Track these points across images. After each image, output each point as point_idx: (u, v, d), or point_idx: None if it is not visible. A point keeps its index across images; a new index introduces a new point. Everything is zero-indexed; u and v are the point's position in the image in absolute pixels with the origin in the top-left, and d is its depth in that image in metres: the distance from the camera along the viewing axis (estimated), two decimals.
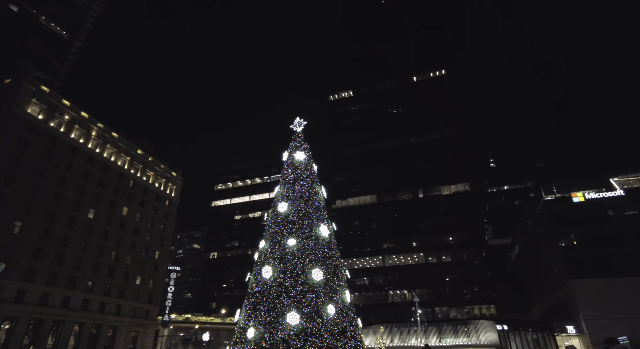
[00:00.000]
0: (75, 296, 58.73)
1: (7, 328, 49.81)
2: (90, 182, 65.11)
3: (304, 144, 24.41)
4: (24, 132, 55.62)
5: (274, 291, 18.09)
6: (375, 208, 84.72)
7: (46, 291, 54.82)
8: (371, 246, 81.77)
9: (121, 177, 72.06)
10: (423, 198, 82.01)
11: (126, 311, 67.33)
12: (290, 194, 21.82)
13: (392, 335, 56.02)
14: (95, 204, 65.24)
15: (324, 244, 20.20)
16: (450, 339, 53.34)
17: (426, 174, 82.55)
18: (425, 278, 74.41)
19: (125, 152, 74.00)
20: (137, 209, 74.46)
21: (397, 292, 76.93)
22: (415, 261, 77.60)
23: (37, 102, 58.49)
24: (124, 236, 69.91)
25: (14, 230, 52.26)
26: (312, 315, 17.11)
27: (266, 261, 19.64)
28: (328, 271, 19.10)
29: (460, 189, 79.99)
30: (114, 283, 66.23)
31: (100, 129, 69.13)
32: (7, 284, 50.09)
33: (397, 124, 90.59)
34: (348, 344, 17.19)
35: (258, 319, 17.57)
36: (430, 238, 77.85)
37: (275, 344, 16.38)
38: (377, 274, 79.34)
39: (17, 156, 54.04)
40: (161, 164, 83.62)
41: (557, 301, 59.21)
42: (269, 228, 21.13)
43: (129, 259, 70.37)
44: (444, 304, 72.46)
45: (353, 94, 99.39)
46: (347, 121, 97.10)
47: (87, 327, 59.64)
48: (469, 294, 72.21)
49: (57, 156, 60.04)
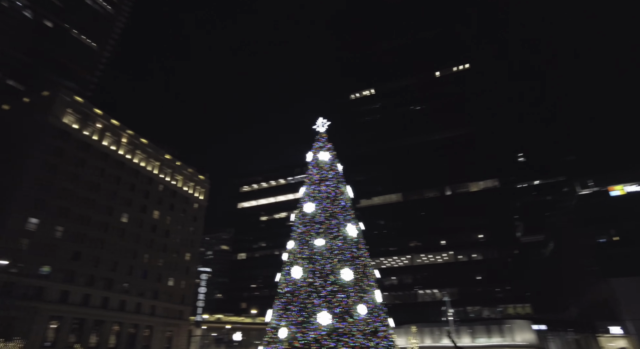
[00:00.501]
0: (113, 297, 61.22)
1: (55, 327, 52.53)
2: (122, 187, 67.64)
3: (327, 144, 24.41)
4: (60, 141, 58.46)
5: (304, 291, 18.19)
6: (401, 207, 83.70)
7: (86, 292, 57.44)
8: (398, 245, 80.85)
9: (151, 182, 74.46)
10: (450, 196, 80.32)
11: (160, 312, 69.53)
12: (316, 194, 21.86)
13: (423, 335, 55.25)
14: (127, 208, 67.73)
15: (352, 243, 20.13)
16: (484, 339, 52.03)
17: (453, 171, 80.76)
18: (455, 277, 72.85)
19: (154, 158, 76.42)
20: (167, 212, 76.76)
21: (426, 291, 75.72)
22: (445, 259, 76.12)
23: (71, 112, 61.33)
24: (155, 239, 72.22)
25: (55, 235, 55.04)
26: (343, 315, 17.10)
27: (295, 261, 19.76)
28: (357, 271, 19.02)
29: (489, 185, 77.81)
30: (148, 285, 68.52)
31: (130, 135, 71.69)
32: (52, 286, 52.83)
33: (420, 120, 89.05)
34: (380, 345, 17.07)
35: (289, 319, 17.72)
36: (459, 236, 76.16)
37: (308, 344, 16.46)
38: (405, 273, 78.37)
39: (54, 164, 56.87)
40: (188, 168, 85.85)
41: (597, 300, 56.54)
42: (297, 229, 21.24)
43: (161, 261, 72.62)
44: (476, 303, 70.67)
45: (374, 92, 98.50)
46: (369, 119, 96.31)
47: (125, 327, 62.04)
48: (502, 293, 70.07)
49: (91, 162, 62.76)
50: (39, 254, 52.24)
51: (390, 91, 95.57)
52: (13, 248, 49.09)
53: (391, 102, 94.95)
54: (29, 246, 51.25)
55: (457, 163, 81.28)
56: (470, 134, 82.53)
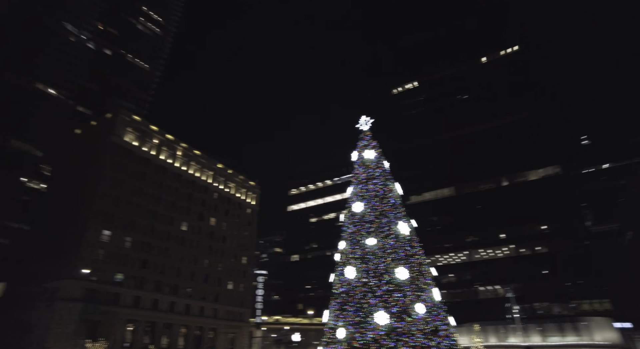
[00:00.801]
0: (178, 302, 65.18)
1: (131, 330, 57.11)
2: (180, 197, 71.85)
3: (372, 142, 24.16)
4: (124, 158, 63.46)
5: (359, 291, 18.11)
6: (454, 201, 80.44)
7: (155, 298, 61.72)
8: (453, 241, 77.74)
9: (206, 191, 78.37)
10: (507, 186, 75.80)
11: (222, 315, 72.83)
12: (364, 193, 21.71)
13: (486, 334, 52.63)
14: (186, 217, 71.81)
15: (405, 241, 19.70)
16: (556, 338, 48.39)
17: (508, 160, 76.18)
18: (518, 272, 68.52)
19: (207, 168, 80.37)
20: (222, 219, 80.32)
21: (487, 288, 72.02)
22: (506, 253, 71.90)
23: (131, 131, 66.34)
24: (213, 245, 75.84)
25: (125, 245, 59.82)
26: (400, 314, 16.79)
27: (347, 261, 19.74)
28: (412, 269, 18.59)
29: (550, 172, 72.35)
30: (209, 289, 72.10)
31: (185, 148, 76.00)
32: (126, 292, 57.47)
33: (469, 109, 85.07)
34: (442, 344, 16.52)
35: (346, 319, 17.72)
36: (519, 229, 71.58)
37: (367, 344, 16.36)
38: (463, 270, 75.16)
39: (120, 179, 61.83)
40: (240, 176, 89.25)
41: None
42: (347, 229, 21.21)
43: (220, 266, 76.08)
44: (544, 299, 65.85)
45: (418, 84, 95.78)
46: (415, 112, 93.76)
47: (191, 329, 65.78)
48: (574, 288, 64.60)
49: (151, 176, 67.37)
50: (113, 263, 57.04)
51: (435, 82, 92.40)
52: (92, 258, 54.08)
53: (437, 93, 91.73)
54: (104, 256, 56.14)
55: (512, 152, 76.63)
56: (524, 120, 77.40)
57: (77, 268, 51.13)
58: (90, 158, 64.18)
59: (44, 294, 53.76)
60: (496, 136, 79.48)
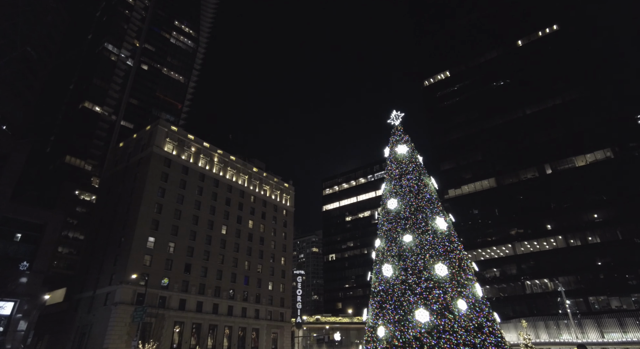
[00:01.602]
0: (221, 303, 67.30)
1: (178, 331, 59.70)
2: (219, 202, 74.16)
3: (404, 137, 23.72)
4: (165, 167, 66.42)
5: (397, 289, 17.85)
6: (494, 193, 77.28)
7: (200, 300, 64.10)
8: (496, 234, 74.69)
9: (243, 195, 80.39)
10: (552, 174, 71.76)
11: (264, 315, 74.38)
12: (398, 189, 21.37)
13: (537, 330, 50.08)
14: (225, 220, 74.00)
15: (443, 237, 19.18)
16: (617, 334, 45.15)
17: (552, 147, 72.15)
18: (569, 264, 64.64)
19: (243, 172, 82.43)
20: (259, 221, 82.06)
21: (535, 281, 68.56)
22: (553, 245, 68.09)
23: (170, 141, 69.30)
24: (252, 247, 77.65)
25: (169, 250, 62.60)
26: (442, 311, 16.36)
27: (385, 259, 19.52)
28: (452, 265, 18.06)
29: (600, 157, 67.72)
30: (250, 290, 73.87)
31: (220, 154, 78.38)
32: (171, 295, 60.15)
33: (506, 96, 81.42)
34: (487, 341, 15.91)
35: (386, 317, 17.53)
36: (568, 218, 67.53)
37: (408, 342, 16.09)
38: (508, 263, 71.97)
39: (162, 188, 64.78)
40: (274, 178, 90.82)
41: None
42: (382, 226, 20.97)
43: (260, 267, 77.75)
44: (600, 292, 61.66)
45: (450, 74, 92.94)
46: (448, 103, 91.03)
47: (234, 330, 67.72)
48: (635, 280, 59.98)
49: (191, 183, 70.03)
50: (159, 268, 59.87)
51: (471, 69, 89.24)
52: (140, 264, 57.09)
53: (472, 82, 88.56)
54: (151, 261, 59.06)
55: (555, 137, 72.57)
56: (567, 103, 73.07)
57: (127, 274, 54.15)
58: (133, 169, 67.74)
59: (100, 299, 57.43)
60: (537, 121, 75.60)
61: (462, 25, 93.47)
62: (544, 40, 79.67)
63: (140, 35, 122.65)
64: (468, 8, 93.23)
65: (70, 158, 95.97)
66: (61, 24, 78.02)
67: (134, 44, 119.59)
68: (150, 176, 63.42)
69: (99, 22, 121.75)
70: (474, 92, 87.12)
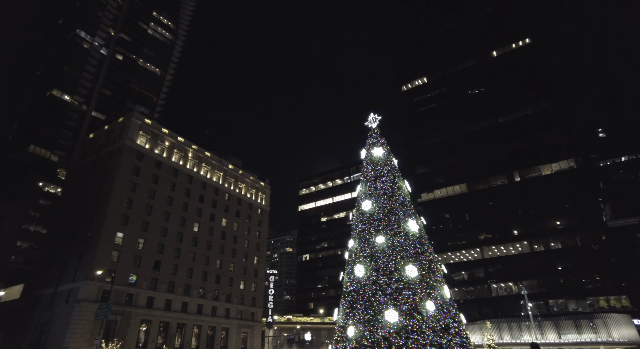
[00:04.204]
0: (191, 302, 65.96)
1: (144, 330, 58.02)
2: (192, 199, 72.65)
3: (381, 140, 24.08)
4: (137, 161, 64.43)
5: (368, 290, 18.08)
6: (465, 198, 79.60)
7: (169, 298, 62.57)
8: (466, 238, 76.97)
9: (217, 192, 79.08)
10: (520, 181, 74.67)
11: (234, 314, 73.47)
12: (372, 191, 21.65)
13: (500, 331, 51.93)
14: (198, 218, 72.59)
15: (415, 239, 19.59)
16: (572, 335, 47.49)
17: (521, 155, 75.07)
18: (533, 268, 67.51)
19: (218, 169, 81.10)
20: (233, 219, 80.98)
21: (501, 285, 71.11)
22: (519, 250, 70.90)
23: (143, 134, 67.31)
24: (225, 245, 76.52)
25: (138, 246, 60.77)
26: (410, 312, 16.70)
27: (357, 259, 19.72)
28: (422, 267, 18.48)
29: (564, 166, 71.05)
30: (221, 289, 72.78)
31: (195, 150, 76.81)
32: (139, 293, 58.40)
33: (480, 105, 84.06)
34: (453, 341, 16.38)
35: (356, 317, 17.72)
36: (533, 224, 70.50)
37: (377, 342, 16.33)
38: (476, 267, 74.32)
39: (133, 182, 62.82)
40: (250, 176, 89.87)
41: None
42: (356, 227, 21.18)
43: (232, 266, 76.73)
44: (559, 296, 64.79)
45: (427, 81, 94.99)
46: (424, 109, 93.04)
47: (204, 329, 66.53)
48: (590, 284, 63.44)
49: (163, 178, 68.27)
50: (127, 265, 58.01)
51: (447, 77, 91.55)
52: (107, 260, 55.11)
53: (448, 89, 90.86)
54: (119, 258, 57.14)
55: (524, 146, 75.52)
56: (537, 114, 76.23)
57: (93, 270, 52.13)
58: (103, 162, 65.37)
59: (62, 296, 55.02)
60: (508, 130, 78.42)
61: (440, 34, 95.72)
62: (517, 53, 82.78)
63: (116, 24, 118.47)
64: (447, 17, 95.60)
65: (35, 148, 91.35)
66: (29, 6, 74.19)
67: (108, 33, 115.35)
68: (121, 169, 61.39)
69: (71, 7, 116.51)
70: (450, 99, 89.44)
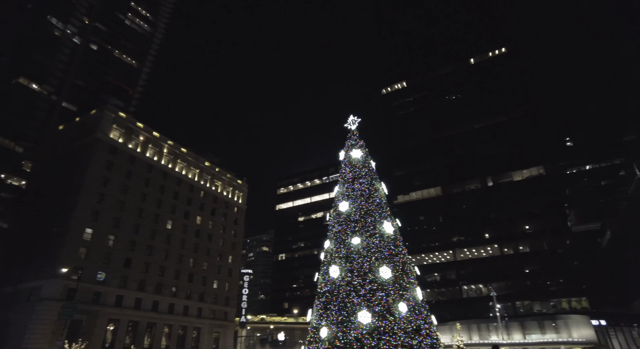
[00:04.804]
0: (162, 301, 64.34)
1: (112, 329, 56.14)
2: (166, 195, 70.90)
3: (359, 142, 24.23)
4: (109, 155, 62.28)
5: (343, 290, 18.14)
6: (440, 201, 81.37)
7: (139, 297, 60.78)
8: (440, 240, 78.66)
9: (193, 189, 77.50)
10: (493, 186, 77.01)
11: (207, 314, 72.20)
12: (350, 192, 21.76)
13: (470, 332, 53.37)
14: (172, 215, 70.90)
15: (389, 241, 19.82)
16: (536, 335, 49.40)
17: (494, 161, 77.43)
18: (502, 271, 69.79)
19: (194, 166, 79.50)
20: (209, 217, 79.57)
21: (471, 287, 73.11)
22: (490, 253, 73.09)
23: (117, 128, 65.16)
24: (199, 244, 75.09)
25: (108, 243, 58.75)
26: (383, 313, 16.87)
27: (332, 260, 19.76)
28: (396, 269, 18.71)
29: (534, 173, 73.81)
30: (194, 288, 71.37)
31: (171, 146, 75.02)
32: (108, 291, 56.46)
33: (457, 110, 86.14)
34: (424, 342, 16.67)
35: (330, 318, 17.74)
36: (504, 228, 72.88)
37: (349, 343, 16.40)
38: (448, 269, 76.11)
39: (105, 177, 60.68)
40: (227, 174, 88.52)
41: None
42: (332, 228, 21.23)
43: (206, 265, 75.38)
44: (526, 297, 67.27)
45: (407, 85, 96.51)
46: (403, 112, 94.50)
47: (174, 329, 65.04)
48: (554, 286, 66.20)
49: (137, 173, 66.29)
50: (96, 262, 55.97)
51: (425, 82, 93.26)
52: (74, 257, 52.96)
53: (426, 94, 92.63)
54: (87, 254, 55.05)
55: (498, 152, 77.91)
56: (510, 121, 78.82)
57: (58, 267, 49.94)
58: (74, 155, 62.83)
59: (22, 295, 52.48)
60: (483, 136, 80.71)
61: (421, 39, 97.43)
62: (494, 61, 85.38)
63: (92, 13, 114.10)
64: (427, 23, 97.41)
65: None
66: None
67: (83, 21, 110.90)
68: (93, 163, 59.18)
69: None
70: (428, 103, 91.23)
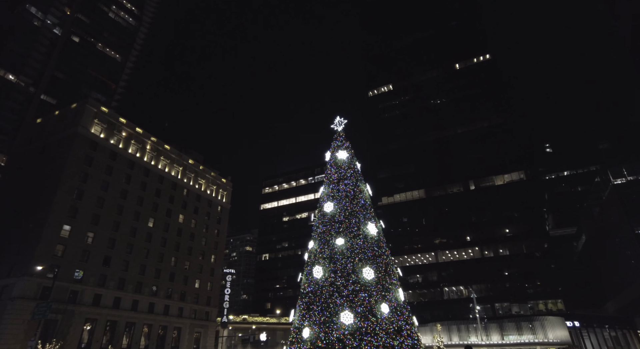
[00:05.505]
0: (142, 300, 63.07)
1: (89, 329, 54.67)
2: (148, 193, 69.58)
3: (345, 143, 24.31)
4: (90, 151, 60.72)
5: (326, 291, 18.15)
6: (423, 203, 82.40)
7: (118, 296, 59.42)
8: (422, 242, 79.62)
9: (175, 187, 76.28)
10: (475, 190, 78.45)
11: (188, 313, 71.14)
12: (335, 193, 21.80)
13: (450, 333, 54.16)
14: (153, 213, 69.60)
15: (373, 242, 19.94)
16: (514, 336, 50.50)
17: (476, 165, 78.89)
18: (482, 273, 71.13)
19: (177, 163, 78.27)
20: (191, 216, 78.44)
21: (452, 288, 74.25)
22: (471, 255, 74.40)
23: (98, 122, 63.60)
24: (181, 242, 73.93)
25: (87, 241, 57.24)
26: (365, 314, 16.96)
27: (316, 261, 19.76)
28: (379, 270, 18.83)
29: (515, 178, 75.55)
30: (175, 287, 70.23)
31: (154, 142, 73.67)
32: (85, 290, 54.98)
33: (441, 115, 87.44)
34: (405, 343, 16.82)
35: (312, 319, 17.72)
36: (485, 231, 74.31)
37: (331, 343, 16.42)
38: (430, 270, 77.10)
39: (85, 173, 59.13)
40: (211, 172, 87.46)
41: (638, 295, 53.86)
42: (317, 228, 21.24)
43: (187, 264, 74.27)
44: (504, 299, 68.76)
45: (393, 88, 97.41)
46: (389, 115, 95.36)
47: (154, 328, 63.83)
48: (532, 289, 67.90)
49: (118, 170, 64.85)
50: (73, 260, 54.44)
51: (411, 86, 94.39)
52: (50, 255, 51.39)
53: (412, 98, 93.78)
54: (64, 252, 53.49)
55: (480, 157, 79.39)
56: (493, 127, 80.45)
57: (32, 265, 48.38)
58: (52, 149, 60.99)
59: None
60: (466, 140, 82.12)
61: (407, 44, 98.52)
62: (478, 67, 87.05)
63: (73, 4, 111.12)
64: (413, 28, 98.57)
65: None
66: None
67: (64, 12, 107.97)
68: (72, 158, 57.58)
69: None
70: (413, 107, 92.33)
